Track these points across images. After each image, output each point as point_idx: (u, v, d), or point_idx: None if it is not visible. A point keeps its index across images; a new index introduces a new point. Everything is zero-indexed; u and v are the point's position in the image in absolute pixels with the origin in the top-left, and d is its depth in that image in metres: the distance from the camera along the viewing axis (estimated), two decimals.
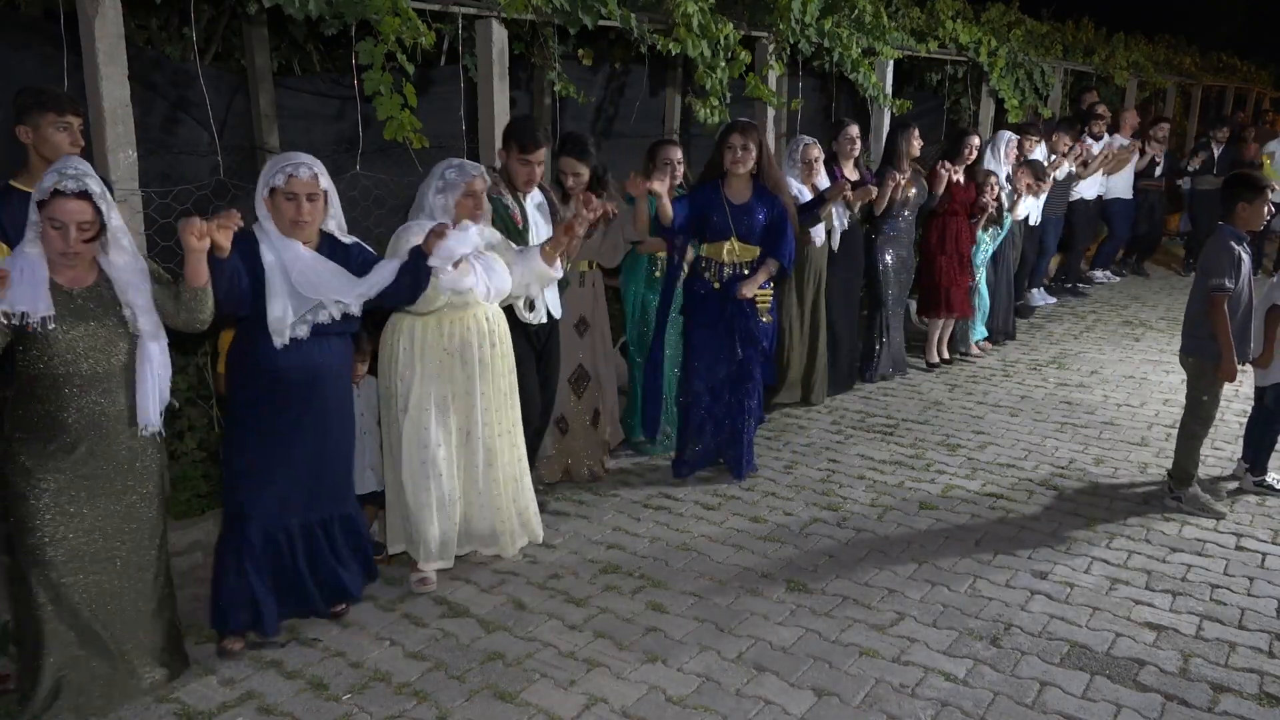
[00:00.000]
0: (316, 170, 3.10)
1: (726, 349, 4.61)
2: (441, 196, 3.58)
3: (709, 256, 4.59)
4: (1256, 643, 3.36)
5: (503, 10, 4.56)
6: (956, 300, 6.61)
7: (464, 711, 2.97)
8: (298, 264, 3.10)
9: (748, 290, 4.51)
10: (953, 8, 8.16)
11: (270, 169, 3.09)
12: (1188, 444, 4.49)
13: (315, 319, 3.15)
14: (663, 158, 4.86)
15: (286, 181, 3.06)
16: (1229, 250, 4.28)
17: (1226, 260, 4.25)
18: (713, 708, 2.98)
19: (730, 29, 5.58)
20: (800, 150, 5.56)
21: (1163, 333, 7.88)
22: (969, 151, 6.40)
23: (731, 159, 4.48)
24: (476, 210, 3.60)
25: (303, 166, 3.07)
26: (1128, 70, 10.41)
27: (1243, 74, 14.41)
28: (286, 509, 3.27)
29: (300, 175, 3.07)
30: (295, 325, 3.11)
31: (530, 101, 6.58)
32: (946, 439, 5.40)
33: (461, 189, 3.56)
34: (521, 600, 3.61)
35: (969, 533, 4.21)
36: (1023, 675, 3.16)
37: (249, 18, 5.00)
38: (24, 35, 4.37)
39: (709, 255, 4.59)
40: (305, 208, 3.09)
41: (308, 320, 3.13)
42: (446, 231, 3.26)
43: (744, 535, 4.18)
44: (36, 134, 3.16)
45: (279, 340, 3.10)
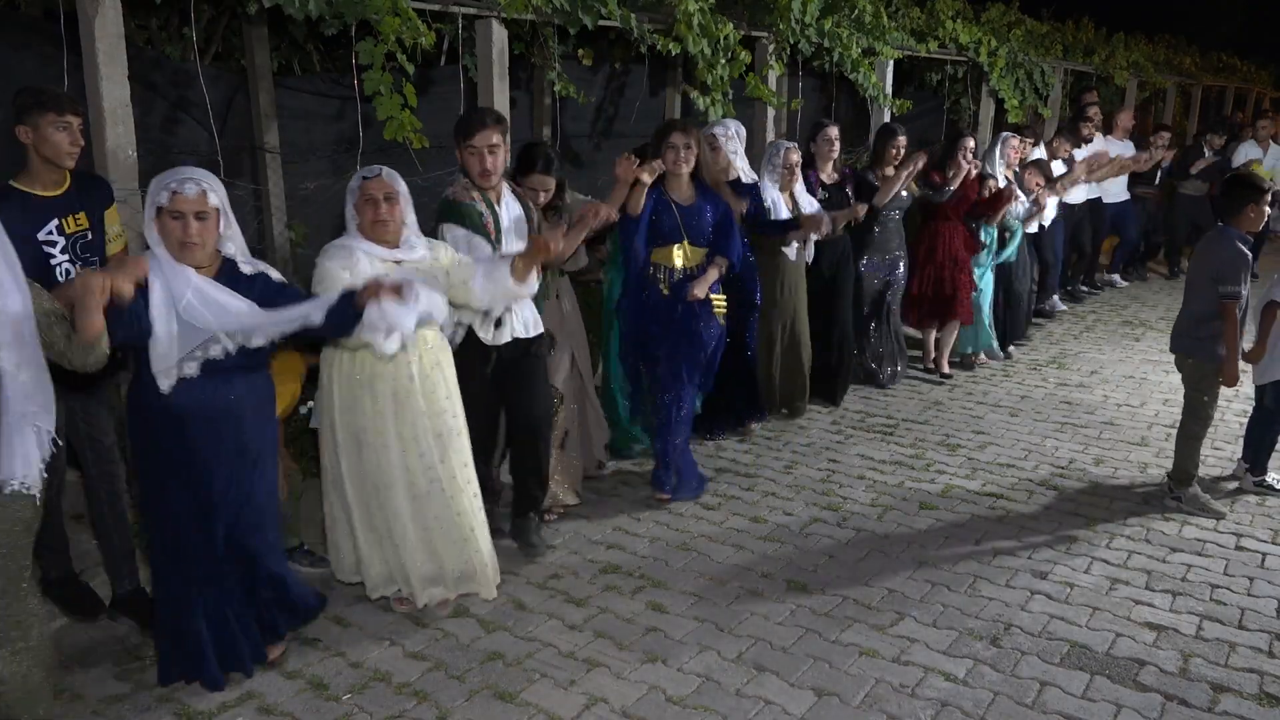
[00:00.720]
0: (205, 186, 2.75)
1: (678, 354, 4.45)
2: (349, 205, 3.25)
3: (658, 262, 4.42)
4: (1256, 643, 3.36)
5: (503, 10, 4.57)
6: (953, 309, 6.30)
7: (464, 711, 2.97)
8: (187, 293, 2.75)
9: (700, 290, 4.38)
10: (953, 8, 8.16)
11: (155, 186, 2.74)
12: (1188, 445, 4.48)
13: (207, 355, 2.79)
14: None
15: (171, 199, 2.71)
16: (1241, 254, 4.25)
17: (1241, 265, 4.24)
18: (713, 708, 2.98)
19: (730, 29, 5.58)
20: (781, 155, 5.25)
21: (1162, 333, 7.87)
22: (964, 154, 6.12)
23: (675, 159, 4.32)
24: (377, 222, 3.18)
25: (189, 182, 2.73)
26: (1128, 70, 10.41)
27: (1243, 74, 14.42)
28: (202, 565, 2.95)
29: (186, 192, 2.72)
30: (183, 363, 2.77)
31: (530, 101, 6.58)
32: (946, 439, 5.40)
33: (357, 194, 3.20)
34: (521, 600, 3.61)
35: (969, 533, 4.21)
36: (1023, 675, 3.16)
37: (249, 18, 5.00)
38: (24, 35, 4.37)
39: (658, 260, 4.42)
40: (193, 228, 2.72)
41: (197, 357, 2.78)
42: (382, 293, 2.74)
43: (744, 535, 4.18)
44: (36, 134, 3.16)
45: (164, 382, 2.76)
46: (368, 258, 3.18)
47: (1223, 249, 4.28)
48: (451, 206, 3.63)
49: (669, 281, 4.41)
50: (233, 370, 2.86)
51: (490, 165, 3.56)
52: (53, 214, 3.20)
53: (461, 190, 3.66)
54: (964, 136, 6.20)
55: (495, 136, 3.56)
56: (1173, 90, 11.92)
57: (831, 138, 5.65)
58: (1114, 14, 11.40)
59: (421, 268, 3.26)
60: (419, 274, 3.17)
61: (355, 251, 3.18)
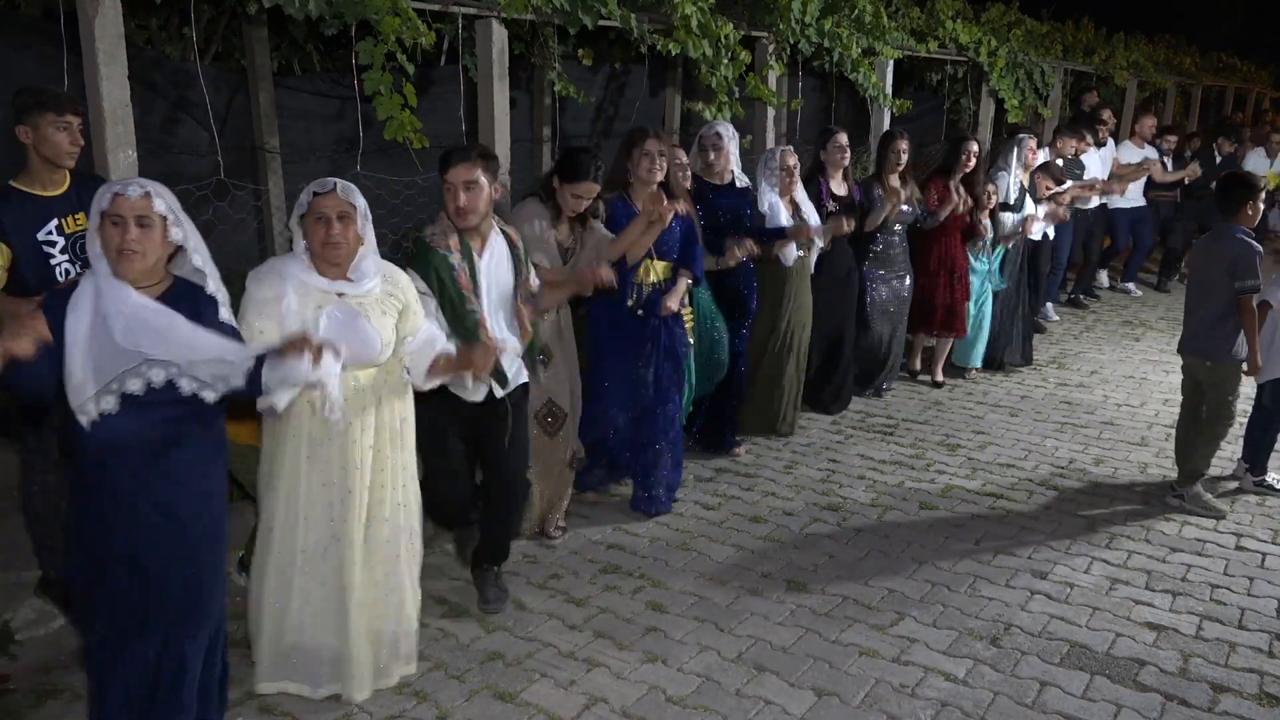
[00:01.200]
0: (151, 190, 2.44)
1: (649, 374, 4.25)
2: (295, 222, 2.87)
3: (634, 282, 4.16)
4: (1256, 643, 3.36)
5: (503, 10, 4.56)
6: (950, 320, 6.13)
7: (464, 711, 2.97)
8: (120, 311, 2.38)
9: (673, 303, 4.21)
10: (953, 8, 8.16)
11: (100, 192, 2.44)
12: (1208, 446, 4.46)
13: (124, 388, 2.39)
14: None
15: (112, 201, 2.40)
16: (1251, 247, 4.27)
17: (1254, 256, 4.25)
18: (713, 708, 2.98)
19: (730, 29, 5.58)
20: (778, 158, 5.07)
21: (1163, 333, 7.88)
22: (967, 159, 5.95)
23: (650, 167, 4.07)
24: (328, 244, 2.76)
25: (133, 185, 2.43)
26: (1128, 70, 10.40)
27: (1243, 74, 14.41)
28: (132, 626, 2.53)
29: (128, 194, 2.40)
30: (100, 396, 2.37)
31: (530, 101, 6.58)
32: (946, 439, 5.40)
33: (306, 211, 2.80)
34: (521, 600, 3.61)
35: (969, 533, 4.21)
36: (1023, 675, 3.16)
37: (249, 18, 5.00)
38: (24, 35, 4.37)
39: (634, 280, 4.16)
40: (132, 233, 2.38)
41: (113, 390, 2.38)
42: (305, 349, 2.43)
43: (744, 535, 4.18)
44: (36, 134, 3.16)
45: (83, 418, 2.38)
46: (300, 289, 2.78)
47: (1231, 245, 4.29)
48: (420, 250, 3.24)
49: (638, 298, 4.18)
50: (167, 406, 2.45)
51: (465, 203, 3.15)
52: (52, 214, 3.20)
53: (440, 234, 3.25)
54: (967, 140, 6.05)
55: (475, 173, 3.16)
56: (1173, 90, 11.91)
57: (842, 145, 5.43)
58: (1114, 14, 11.39)
59: (368, 302, 2.85)
60: (363, 309, 2.82)
61: (287, 282, 2.78)
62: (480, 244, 3.30)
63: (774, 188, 5.07)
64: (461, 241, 3.24)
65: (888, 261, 5.85)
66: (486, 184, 3.20)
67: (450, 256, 3.21)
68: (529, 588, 3.71)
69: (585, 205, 3.84)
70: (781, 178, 5.06)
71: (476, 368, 2.97)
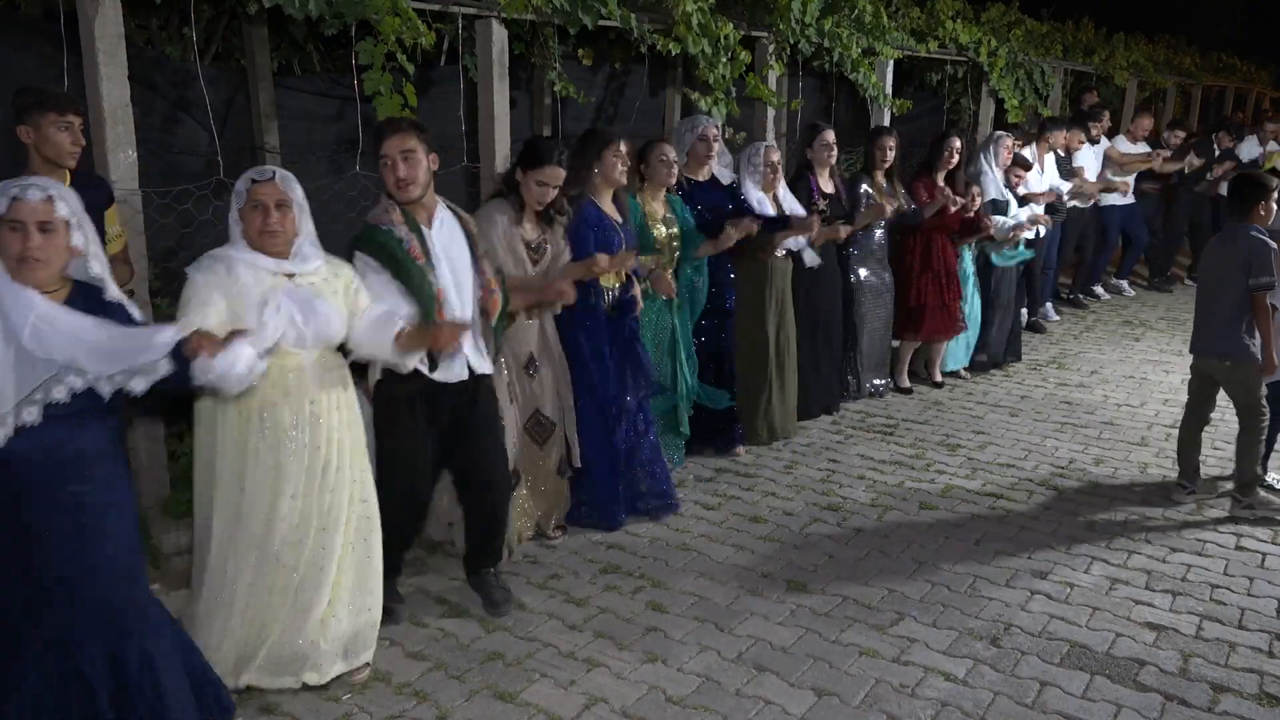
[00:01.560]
0: (53, 193, 2.36)
1: (629, 377, 4.20)
2: (233, 210, 2.84)
3: (602, 286, 4.11)
4: (1256, 643, 3.36)
5: (503, 10, 4.56)
6: (944, 321, 6.08)
7: (464, 711, 2.97)
8: (29, 319, 2.31)
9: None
10: (953, 8, 8.15)
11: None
12: (1251, 448, 4.39)
13: (49, 396, 2.34)
14: (659, 155, 4.47)
15: (10, 206, 2.31)
16: (1264, 244, 4.27)
17: (1268, 253, 4.26)
18: (713, 708, 2.98)
19: (730, 29, 5.58)
20: (762, 154, 5.05)
21: (1163, 333, 7.88)
22: (949, 155, 5.93)
23: (621, 168, 4.06)
24: (265, 232, 2.76)
25: (33, 188, 2.33)
26: (1128, 70, 10.40)
27: (1243, 74, 14.40)
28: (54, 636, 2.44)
29: (28, 198, 2.32)
30: (22, 408, 2.32)
31: (530, 101, 6.58)
32: (946, 439, 5.40)
33: (244, 199, 2.79)
34: (521, 600, 3.61)
35: (969, 533, 4.21)
36: (1023, 675, 3.16)
37: (249, 18, 5.00)
38: (24, 35, 4.37)
39: (603, 285, 4.11)
40: (35, 240, 2.31)
41: (37, 400, 2.33)
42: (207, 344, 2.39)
43: (744, 535, 4.18)
44: (38, 134, 3.16)
45: (1, 431, 2.32)
46: (251, 270, 2.78)
47: (1246, 243, 4.29)
48: (366, 231, 3.17)
49: (610, 301, 4.13)
50: (87, 414, 2.41)
51: (405, 174, 3.10)
52: None
53: (381, 212, 3.19)
54: (949, 136, 5.98)
55: (411, 142, 3.11)
56: (1173, 90, 11.91)
57: (829, 142, 5.45)
58: (1114, 14, 11.38)
59: (316, 282, 2.88)
60: (313, 290, 2.84)
61: (235, 264, 2.77)
62: (426, 216, 3.23)
63: (758, 184, 5.07)
64: (406, 215, 3.17)
65: (873, 257, 5.88)
66: (424, 154, 3.15)
67: (396, 230, 3.14)
68: (529, 588, 3.71)
69: (551, 194, 3.73)
70: (765, 174, 5.06)
71: (443, 343, 2.96)
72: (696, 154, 4.87)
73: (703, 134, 4.85)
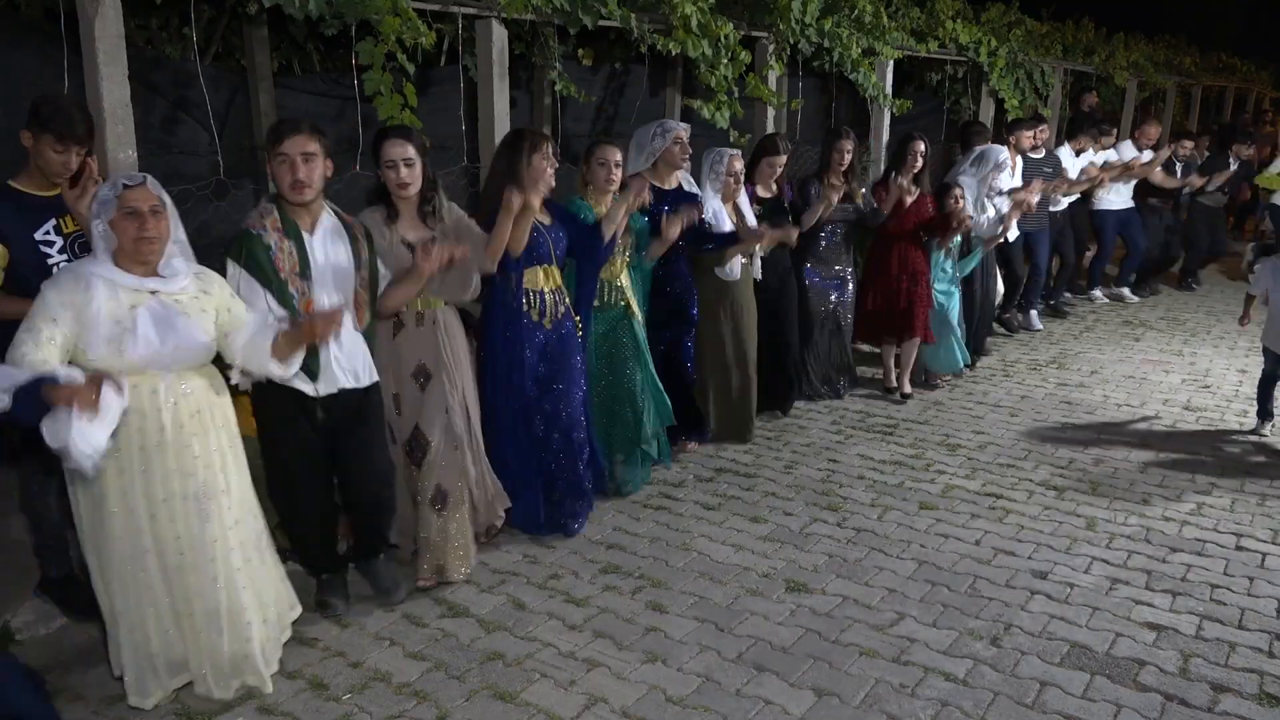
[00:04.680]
0: None
1: (556, 391, 3.99)
2: (100, 222, 2.66)
3: (528, 288, 3.91)
4: (1256, 643, 3.36)
5: (503, 10, 4.57)
6: (912, 323, 5.89)
7: (464, 711, 2.97)
8: None
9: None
10: (953, 8, 8.16)
11: None
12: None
13: None
14: (598, 158, 4.27)
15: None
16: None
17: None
18: (713, 708, 2.98)
19: (730, 29, 5.59)
20: (725, 162, 4.85)
21: (1162, 333, 7.88)
22: (914, 158, 5.74)
23: (547, 170, 3.84)
24: (141, 240, 2.63)
25: None
26: (1128, 70, 10.41)
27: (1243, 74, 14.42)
28: None
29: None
30: None
31: (530, 101, 6.59)
32: (946, 439, 5.40)
33: (113, 207, 2.63)
34: (521, 600, 3.61)
35: (969, 533, 4.21)
36: (1023, 675, 3.16)
37: (249, 18, 5.01)
38: (24, 35, 4.38)
39: (528, 286, 3.91)
40: None
41: None
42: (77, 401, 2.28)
43: (744, 535, 4.18)
44: (35, 146, 3.18)
45: None
46: (109, 288, 2.63)
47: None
48: (236, 237, 3.06)
49: (542, 310, 3.93)
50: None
51: (303, 176, 3.01)
52: (50, 214, 3.21)
53: (256, 216, 3.07)
54: (913, 139, 5.79)
55: (312, 144, 3.05)
56: (1173, 90, 11.92)
57: (776, 165, 5.29)
58: (1114, 14, 11.39)
59: (183, 300, 2.74)
60: (178, 307, 2.71)
61: (94, 281, 2.61)
62: (310, 222, 3.14)
63: (717, 193, 4.90)
64: (285, 220, 3.08)
65: (828, 259, 5.76)
66: (322, 159, 3.09)
67: (265, 236, 3.03)
68: (529, 588, 3.71)
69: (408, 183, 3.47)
70: (727, 183, 4.89)
71: (319, 333, 2.85)
72: (670, 159, 4.66)
73: (677, 138, 4.64)
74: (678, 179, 4.78)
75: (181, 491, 2.78)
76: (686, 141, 4.69)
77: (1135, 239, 8.80)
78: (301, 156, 3.03)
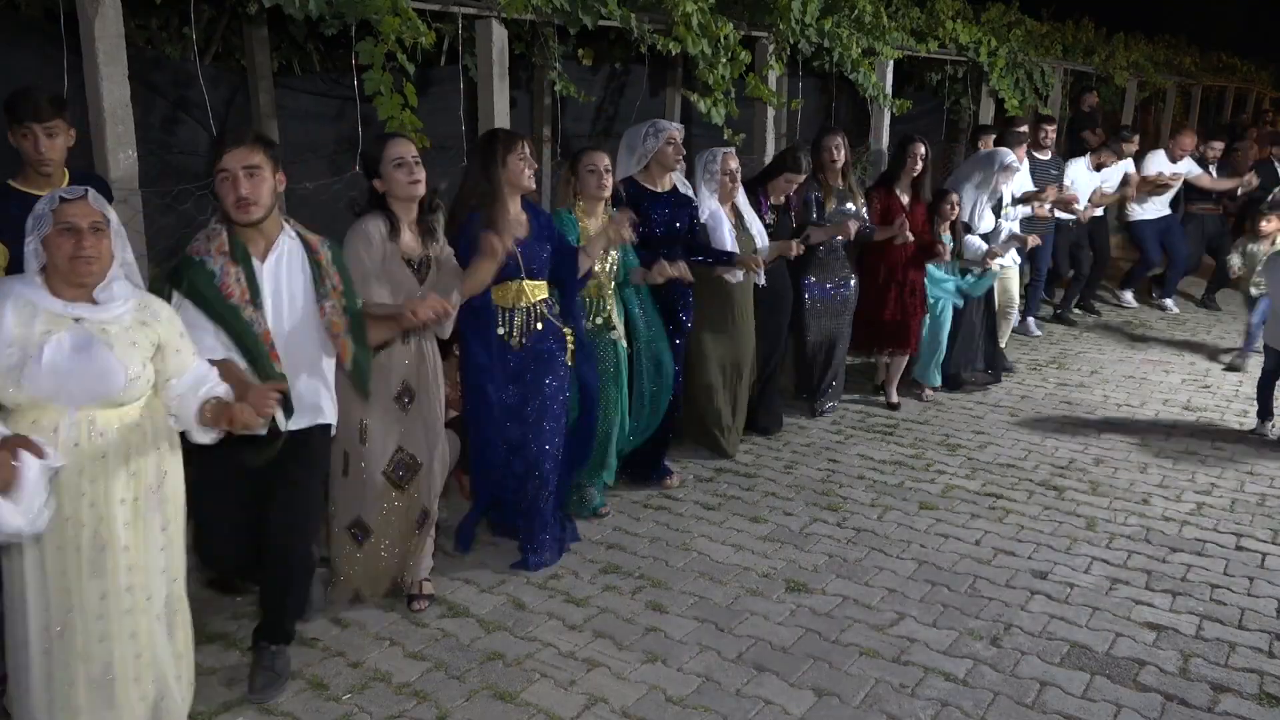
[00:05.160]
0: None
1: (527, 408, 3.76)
2: (33, 238, 2.40)
3: (498, 305, 3.68)
4: (1256, 643, 3.36)
5: (503, 10, 4.57)
6: (903, 335, 5.72)
7: (464, 711, 2.97)
8: None
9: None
10: (953, 8, 8.16)
11: None
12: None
13: None
14: (587, 165, 4.07)
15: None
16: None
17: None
18: (713, 708, 2.98)
19: (730, 29, 5.58)
20: (719, 161, 4.66)
21: (1163, 332, 7.88)
22: (914, 162, 5.54)
23: (525, 171, 3.61)
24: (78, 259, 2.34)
25: None
26: (1128, 70, 10.40)
27: (1243, 74, 14.40)
28: None
29: None
30: None
31: (530, 101, 6.58)
32: (946, 439, 5.40)
33: (49, 223, 2.36)
34: (521, 600, 3.61)
35: (969, 533, 4.21)
36: (1023, 675, 3.16)
37: (249, 18, 5.00)
38: (24, 35, 4.38)
39: (497, 304, 3.67)
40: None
41: None
42: None
43: (744, 535, 4.18)
44: (13, 141, 3.18)
45: None
46: (25, 310, 2.35)
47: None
48: (177, 264, 2.76)
49: (512, 328, 3.71)
50: None
51: (247, 192, 2.67)
52: None
53: (202, 240, 2.74)
54: (913, 142, 5.59)
55: (256, 157, 2.69)
56: (1173, 90, 11.91)
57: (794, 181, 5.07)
58: (1114, 14, 11.38)
59: (111, 330, 2.40)
60: (105, 337, 2.39)
61: (4, 303, 2.34)
62: (263, 245, 2.79)
63: (714, 193, 4.71)
64: (234, 243, 2.74)
65: (829, 269, 5.46)
66: (270, 172, 2.75)
67: (210, 262, 2.70)
68: (529, 588, 3.71)
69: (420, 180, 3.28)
70: (723, 182, 4.69)
71: (245, 418, 2.48)
72: (664, 160, 4.42)
73: (670, 138, 4.41)
74: (671, 181, 4.56)
75: (75, 542, 2.41)
76: (680, 142, 4.45)
77: (1176, 248, 8.45)
78: (244, 171, 2.68)
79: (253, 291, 2.74)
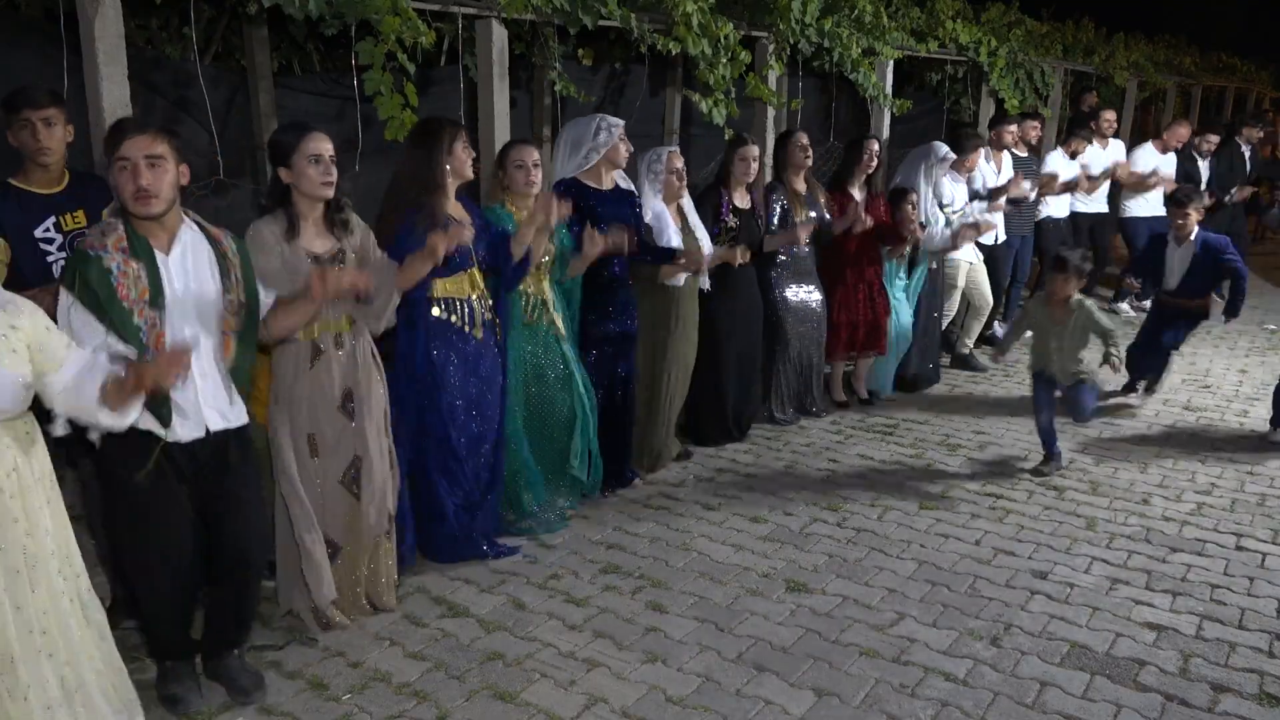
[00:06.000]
0: None
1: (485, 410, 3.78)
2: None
3: (453, 296, 3.63)
4: (1256, 643, 3.36)
5: (503, 10, 4.57)
6: (875, 336, 5.70)
7: (464, 711, 2.96)
8: None
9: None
10: (953, 8, 8.16)
11: None
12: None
13: None
14: (514, 160, 3.99)
15: None
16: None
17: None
18: (713, 708, 2.98)
19: (730, 29, 5.59)
20: (664, 160, 4.52)
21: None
22: (868, 159, 5.52)
23: (467, 161, 3.59)
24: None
25: None
26: (1128, 70, 10.41)
27: (1243, 74, 14.41)
28: None
29: None
30: None
31: (530, 101, 6.59)
32: (946, 439, 5.40)
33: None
34: (521, 600, 3.61)
35: (969, 533, 4.21)
36: (1023, 675, 3.16)
37: (249, 18, 5.01)
38: (24, 35, 4.38)
39: (452, 295, 3.63)
40: None
41: None
42: None
43: (744, 535, 4.18)
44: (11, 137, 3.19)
45: None
46: None
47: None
48: (71, 261, 2.59)
49: (469, 320, 3.66)
50: None
51: (149, 183, 2.53)
52: (50, 211, 3.21)
53: (97, 234, 2.59)
54: (867, 139, 5.61)
55: (159, 146, 2.56)
56: (1173, 90, 11.91)
57: (748, 157, 4.93)
58: (1114, 14, 11.38)
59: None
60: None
61: None
62: (165, 239, 2.65)
63: (658, 193, 4.55)
64: (133, 238, 2.59)
65: (796, 273, 5.35)
66: (173, 163, 2.60)
67: (106, 259, 2.53)
68: (529, 588, 3.71)
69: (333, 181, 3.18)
70: (668, 181, 4.54)
71: (159, 378, 2.36)
72: (615, 156, 4.31)
73: (622, 134, 4.30)
74: (614, 179, 4.40)
75: (3, 564, 2.29)
76: (623, 136, 4.32)
77: None
78: (146, 160, 2.53)
79: (154, 290, 2.58)
